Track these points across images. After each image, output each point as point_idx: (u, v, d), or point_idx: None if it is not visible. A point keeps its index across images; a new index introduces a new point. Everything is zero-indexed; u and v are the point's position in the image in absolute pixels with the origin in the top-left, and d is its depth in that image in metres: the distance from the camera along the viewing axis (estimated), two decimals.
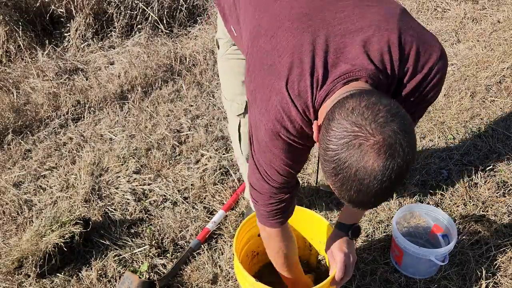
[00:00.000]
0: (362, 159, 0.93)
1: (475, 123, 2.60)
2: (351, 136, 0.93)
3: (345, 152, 0.94)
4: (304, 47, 1.10)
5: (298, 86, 1.09)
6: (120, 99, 2.83)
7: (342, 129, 0.94)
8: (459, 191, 2.21)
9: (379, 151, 0.92)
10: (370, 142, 0.92)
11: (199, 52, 3.18)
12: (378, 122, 0.93)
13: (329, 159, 0.97)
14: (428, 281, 1.88)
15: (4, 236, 2.06)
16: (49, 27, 3.34)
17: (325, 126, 0.99)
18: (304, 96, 1.10)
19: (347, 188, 0.97)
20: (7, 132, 2.57)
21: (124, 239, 2.05)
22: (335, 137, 0.95)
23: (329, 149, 0.97)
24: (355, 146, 0.93)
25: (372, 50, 1.09)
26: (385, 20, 1.12)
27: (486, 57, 3.07)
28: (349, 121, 0.94)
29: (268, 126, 1.14)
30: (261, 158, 1.24)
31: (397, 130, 0.93)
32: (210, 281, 1.88)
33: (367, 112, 0.94)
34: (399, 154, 0.93)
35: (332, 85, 1.07)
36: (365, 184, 0.95)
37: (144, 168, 2.38)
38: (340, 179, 0.97)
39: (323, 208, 2.16)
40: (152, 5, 3.38)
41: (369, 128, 0.92)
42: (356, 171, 0.94)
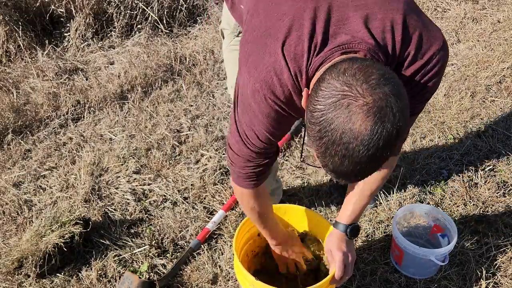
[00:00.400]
0: (349, 120, 0.88)
1: (475, 123, 2.60)
2: (339, 95, 0.89)
3: (332, 112, 0.90)
4: (306, 14, 1.07)
5: (295, 49, 1.06)
6: (120, 99, 2.83)
7: (331, 89, 0.91)
8: (459, 191, 2.21)
9: (368, 113, 0.88)
10: (359, 103, 0.88)
11: (199, 52, 3.18)
12: (370, 84, 0.89)
13: (315, 121, 0.92)
14: (428, 281, 1.88)
15: (4, 236, 2.06)
16: (49, 27, 3.34)
17: (314, 88, 0.96)
18: (299, 59, 1.06)
19: (331, 153, 0.92)
20: (7, 132, 2.57)
21: (124, 239, 2.05)
22: (323, 97, 0.91)
23: (316, 110, 0.92)
24: (343, 105, 0.88)
25: (375, 26, 1.06)
26: (390, 5, 1.09)
27: (486, 57, 3.07)
28: (340, 81, 0.90)
29: (256, 87, 1.11)
30: (243, 120, 1.20)
31: (389, 94, 0.89)
32: (210, 281, 1.88)
33: (359, 73, 0.90)
34: (389, 118, 0.89)
35: (329, 53, 1.04)
36: (351, 149, 0.90)
37: (144, 168, 2.38)
38: (324, 142, 0.92)
39: (323, 208, 2.16)
40: (152, 5, 3.38)
41: (359, 88, 0.88)
42: (342, 134, 0.89)
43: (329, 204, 2.18)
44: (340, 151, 0.91)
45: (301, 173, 2.34)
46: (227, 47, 1.70)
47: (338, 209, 2.15)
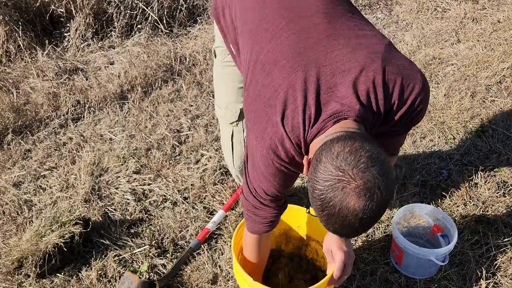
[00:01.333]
0: (345, 200, 1.05)
1: (475, 123, 2.60)
2: (335, 179, 1.06)
3: (330, 193, 1.07)
4: (297, 85, 1.21)
5: (292, 122, 1.21)
6: (120, 99, 2.83)
7: (327, 173, 1.07)
8: (459, 191, 2.21)
9: (360, 194, 1.04)
10: (352, 186, 1.04)
11: (199, 52, 3.18)
12: (359, 168, 1.05)
13: (316, 197, 1.10)
14: (428, 281, 1.88)
15: (4, 236, 2.06)
16: (49, 27, 3.35)
17: (313, 165, 1.12)
18: (297, 131, 1.21)
19: (332, 222, 1.11)
20: (7, 132, 2.57)
21: (124, 239, 2.05)
22: (321, 179, 1.08)
23: (316, 189, 1.09)
24: (339, 188, 1.05)
25: (360, 90, 1.20)
26: (371, 61, 1.22)
27: (486, 57, 3.07)
28: (334, 165, 1.06)
29: (263, 153, 1.26)
30: (253, 177, 1.37)
31: (376, 175, 1.05)
32: (210, 281, 1.88)
33: (350, 158, 1.06)
34: (377, 196, 1.06)
35: (323, 124, 1.19)
36: (348, 220, 1.08)
37: (144, 168, 2.38)
38: (325, 214, 1.10)
39: None
40: (152, 5, 3.38)
41: (351, 173, 1.05)
42: (339, 210, 1.07)
43: None
44: (339, 221, 1.09)
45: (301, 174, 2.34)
46: (221, 63, 1.73)
47: None
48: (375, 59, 1.23)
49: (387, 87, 1.23)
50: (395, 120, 1.28)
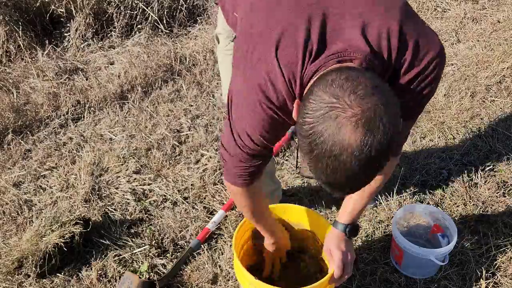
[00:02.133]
0: (338, 132, 0.87)
1: (475, 123, 2.60)
2: (327, 107, 0.88)
3: (321, 125, 0.89)
4: (300, 21, 1.07)
5: (290, 57, 1.05)
6: (120, 99, 2.83)
7: (319, 101, 0.90)
8: (459, 191, 2.21)
9: (357, 124, 0.87)
10: (347, 114, 0.87)
11: (199, 52, 3.18)
12: (358, 94, 0.88)
13: (305, 134, 0.92)
14: (428, 281, 1.88)
15: (4, 236, 2.06)
16: (49, 27, 3.34)
17: (303, 101, 0.96)
18: (294, 66, 1.06)
19: (323, 166, 0.92)
20: (7, 132, 2.57)
21: (124, 239, 2.05)
22: (311, 110, 0.91)
23: (305, 123, 0.92)
24: (331, 117, 0.88)
25: (371, 34, 1.06)
26: (388, 8, 1.09)
27: (486, 57, 3.07)
28: (327, 92, 0.90)
29: (251, 95, 1.11)
30: (238, 123, 1.20)
31: (378, 103, 0.88)
32: (210, 281, 1.88)
33: (346, 84, 0.89)
34: (379, 129, 0.88)
35: (324, 61, 1.04)
36: (341, 161, 0.89)
37: (144, 168, 2.38)
38: (315, 155, 0.91)
39: (323, 208, 2.16)
40: (152, 5, 3.38)
41: (347, 99, 0.88)
42: (331, 146, 0.88)
43: (329, 204, 2.18)
44: (331, 163, 0.90)
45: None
46: (222, 51, 1.70)
47: (338, 209, 2.15)
48: (393, 8, 1.09)
49: (403, 38, 1.07)
50: (404, 84, 1.11)
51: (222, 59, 1.73)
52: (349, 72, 0.93)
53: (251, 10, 1.20)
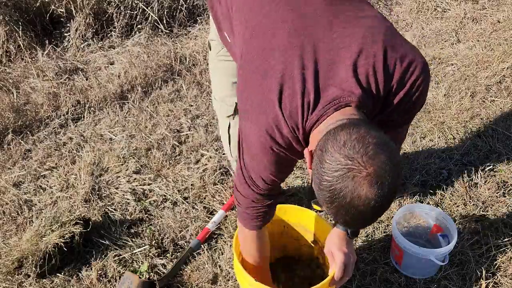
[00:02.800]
0: (356, 190, 1.02)
1: (475, 123, 2.60)
2: (345, 169, 1.02)
3: (340, 184, 1.03)
4: (295, 63, 1.17)
5: (290, 107, 1.16)
6: (120, 99, 2.83)
7: (336, 163, 1.03)
8: (459, 191, 2.21)
9: (371, 182, 1.01)
10: (363, 174, 1.01)
11: (199, 52, 3.18)
12: (369, 155, 1.02)
13: (325, 189, 1.05)
14: (428, 281, 1.88)
15: (4, 236, 2.06)
16: (49, 27, 3.34)
17: (318, 156, 1.08)
18: (295, 117, 1.16)
19: (342, 214, 1.07)
20: (7, 132, 2.57)
21: (124, 239, 2.05)
22: (329, 170, 1.04)
23: (324, 180, 1.05)
24: (349, 178, 1.02)
25: (360, 73, 1.16)
26: (371, 41, 1.18)
27: (486, 57, 3.07)
28: (342, 154, 1.03)
29: (261, 140, 1.21)
30: (249, 165, 1.31)
31: (386, 161, 1.02)
32: (210, 281, 1.88)
33: (357, 146, 1.02)
34: (388, 182, 1.03)
35: (323, 111, 1.15)
36: (359, 210, 1.04)
37: (144, 168, 2.38)
38: (335, 206, 1.06)
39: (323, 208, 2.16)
40: (152, 5, 3.38)
41: (360, 161, 1.01)
42: (350, 200, 1.03)
43: None
44: (350, 212, 1.05)
45: (301, 173, 2.35)
46: (214, 58, 1.71)
47: None
48: (376, 40, 1.19)
49: (388, 70, 1.19)
50: (394, 105, 1.23)
51: (214, 65, 1.75)
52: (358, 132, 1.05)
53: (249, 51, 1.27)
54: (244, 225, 1.49)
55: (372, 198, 1.02)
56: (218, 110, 1.80)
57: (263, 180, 1.31)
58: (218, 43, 1.66)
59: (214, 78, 1.79)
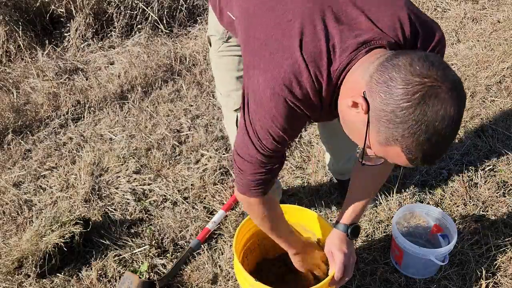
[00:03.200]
0: (442, 107, 0.94)
1: (475, 123, 2.60)
2: (425, 87, 0.93)
3: (422, 105, 0.93)
4: (315, 15, 1.10)
5: (313, 50, 1.07)
6: (120, 99, 2.83)
7: (411, 85, 0.94)
8: (459, 191, 2.21)
9: (453, 96, 0.94)
10: (444, 89, 0.94)
11: (199, 52, 3.18)
12: (441, 70, 0.95)
13: (403, 119, 0.95)
14: (428, 281, 1.88)
15: (4, 236, 2.06)
16: (49, 27, 3.34)
17: (382, 89, 0.97)
18: (319, 61, 1.07)
19: (426, 143, 0.97)
20: (7, 132, 2.57)
21: (124, 239, 2.05)
22: (406, 94, 0.94)
23: (401, 108, 0.94)
24: (433, 96, 0.93)
25: (385, 25, 1.11)
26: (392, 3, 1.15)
27: (486, 57, 3.07)
28: (415, 74, 0.94)
29: (275, 90, 1.11)
30: (258, 123, 1.19)
31: (454, 73, 0.98)
32: (210, 281, 1.88)
33: (426, 64, 0.95)
34: (464, 94, 0.99)
35: (355, 53, 1.06)
36: (445, 133, 0.96)
37: (144, 168, 2.38)
38: (417, 137, 0.96)
39: (323, 208, 2.16)
40: (152, 5, 3.38)
41: (437, 77, 0.94)
42: (437, 122, 0.94)
43: (329, 204, 2.18)
44: (438, 139, 0.96)
45: (301, 173, 2.34)
46: (215, 54, 1.69)
47: (338, 209, 2.15)
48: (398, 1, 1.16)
49: (414, 25, 1.14)
50: None
51: (215, 61, 1.72)
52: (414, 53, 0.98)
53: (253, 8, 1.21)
54: (248, 194, 1.36)
55: (456, 113, 0.96)
56: (224, 105, 1.75)
57: (271, 137, 1.19)
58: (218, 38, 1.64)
59: (217, 73, 1.75)
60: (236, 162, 1.31)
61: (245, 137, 1.23)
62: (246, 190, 1.35)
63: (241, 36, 1.27)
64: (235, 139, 1.31)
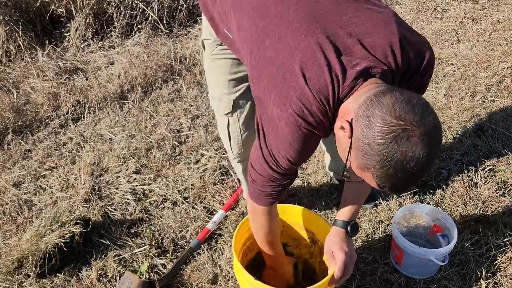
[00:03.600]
0: (411, 149, 1.03)
1: (475, 123, 2.60)
2: (399, 130, 1.03)
3: (393, 145, 1.03)
4: (315, 47, 1.17)
5: (318, 82, 1.16)
6: (120, 99, 2.83)
7: (388, 125, 1.03)
8: (459, 191, 2.21)
9: (424, 141, 1.03)
10: (417, 134, 1.03)
11: (199, 52, 3.18)
12: (419, 115, 1.04)
13: (376, 153, 1.05)
14: (428, 281, 1.88)
15: (4, 236, 2.06)
16: (49, 27, 3.35)
17: (363, 123, 1.07)
18: (325, 92, 1.16)
19: (393, 177, 1.07)
20: (7, 132, 2.57)
21: (124, 239, 2.05)
22: (382, 132, 1.04)
23: (375, 144, 1.05)
24: (404, 138, 1.03)
25: (378, 52, 1.18)
26: (385, 24, 1.22)
27: (486, 57, 3.07)
28: (393, 116, 1.03)
29: (289, 120, 1.20)
30: (275, 147, 1.29)
31: (434, 121, 1.05)
32: (210, 281, 1.88)
33: (407, 107, 1.04)
34: (436, 141, 1.07)
35: (354, 82, 1.15)
36: (414, 172, 1.05)
37: (144, 168, 2.38)
38: (386, 170, 1.06)
39: (323, 208, 2.16)
40: (152, 5, 3.38)
41: (413, 121, 1.03)
42: (405, 162, 1.04)
43: (329, 204, 2.18)
44: (402, 174, 1.06)
45: (301, 173, 2.34)
46: (209, 57, 1.71)
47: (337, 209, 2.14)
48: (389, 23, 1.23)
49: (405, 50, 1.22)
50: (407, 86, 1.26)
51: (208, 64, 1.74)
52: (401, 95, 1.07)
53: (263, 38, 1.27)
54: (257, 202, 1.46)
55: (425, 157, 1.04)
56: (216, 109, 1.79)
57: (288, 161, 1.29)
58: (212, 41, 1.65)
59: (210, 77, 1.79)
60: (251, 174, 1.42)
61: (260, 156, 1.33)
62: (256, 198, 1.45)
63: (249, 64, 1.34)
64: (250, 155, 1.40)
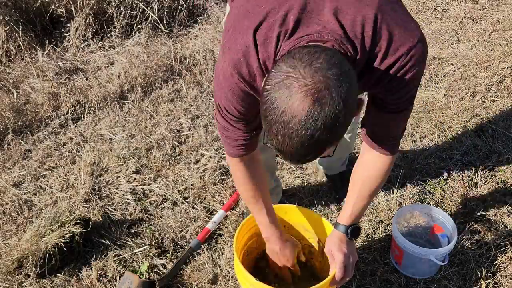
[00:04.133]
0: (289, 100, 0.93)
1: (475, 123, 2.60)
2: (283, 76, 0.95)
3: (275, 92, 0.95)
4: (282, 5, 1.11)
5: (265, 35, 1.11)
6: (120, 99, 2.83)
7: (278, 70, 0.96)
8: (459, 191, 2.21)
9: (306, 93, 0.92)
10: (299, 83, 0.93)
11: (199, 52, 3.18)
12: (313, 67, 0.93)
13: (262, 100, 0.98)
14: (428, 281, 1.88)
15: (4, 236, 2.06)
16: (49, 27, 3.34)
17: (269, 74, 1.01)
18: (268, 45, 1.11)
19: (274, 132, 0.97)
20: (7, 132, 2.57)
21: (124, 239, 2.05)
22: (270, 78, 0.97)
23: (264, 90, 0.98)
24: (285, 85, 0.94)
25: (346, 19, 1.08)
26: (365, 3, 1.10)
27: (486, 57, 3.07)
28: (287, 64, 0.96)
29: (225, 65, 1.17)
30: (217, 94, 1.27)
31: (331, 77, 0.93)
32: (210, 281, 1.88)
33: (305, 57, 0.95)
34: (327, 102, 0.92)
35: (298, 41, 1.07)
36: (290, 128, 0.94)
37: (144, 168, 2.38)
38: (269, 121, 0.97)
39: (323, 208, 2.16)
40: (152, 5, 3.38)
41: (302, 70, 0.93)
42: (282, 112, 0.94)
43: (329, 204, 2.18)
44: (281, 129, 0.96)
45: (301, 173, 2.34)
46: None
47: (338, 209, 2.15)
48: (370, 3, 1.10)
49: (377, 27, 1.09)
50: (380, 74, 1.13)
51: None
52: (315, 49, 0.98)
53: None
54: (229, 154, 1.43)
55: (304, 114, 0.92)
56: None
57: (226, 111, 1.27)
58: None
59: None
60: (216, 124, 1.41)
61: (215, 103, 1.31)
62: (227, 151, 1.43)
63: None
64: None
